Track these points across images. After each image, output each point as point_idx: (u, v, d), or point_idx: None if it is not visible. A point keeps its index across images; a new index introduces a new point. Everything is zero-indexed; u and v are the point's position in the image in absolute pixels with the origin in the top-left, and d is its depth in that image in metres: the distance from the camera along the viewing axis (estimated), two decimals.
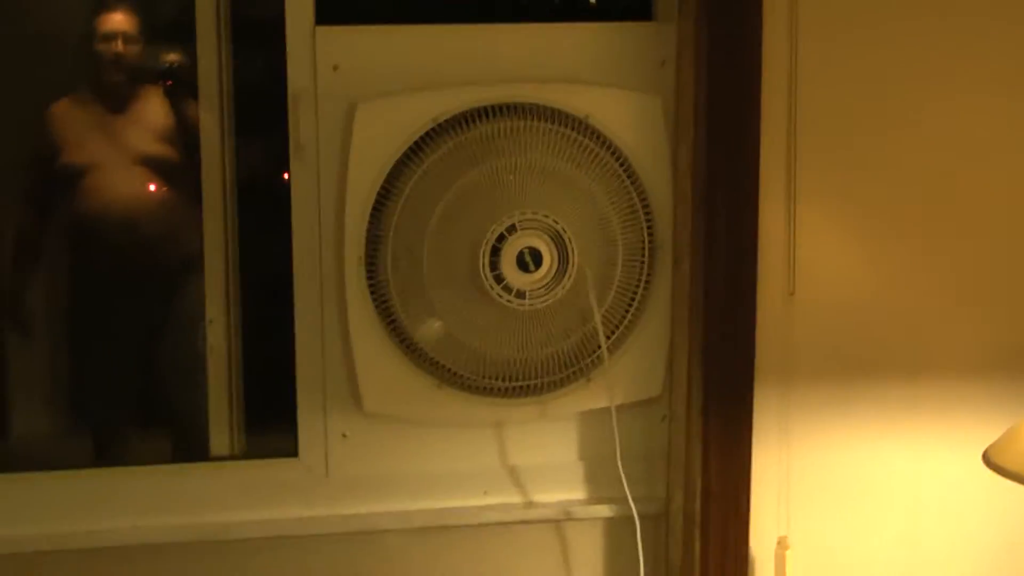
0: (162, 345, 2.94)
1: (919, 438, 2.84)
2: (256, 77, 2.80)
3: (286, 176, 2.66)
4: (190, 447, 2.88)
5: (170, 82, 3.09)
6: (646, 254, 2.73)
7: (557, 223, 2.60)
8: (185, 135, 3.01)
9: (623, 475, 2.71)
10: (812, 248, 2.74)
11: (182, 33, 2.83)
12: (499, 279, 2.60)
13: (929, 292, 2.81)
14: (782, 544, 2.81)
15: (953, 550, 2.89)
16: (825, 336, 2.78)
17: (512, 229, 2.59)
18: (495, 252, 2.59)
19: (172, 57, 3.12)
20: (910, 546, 2.87)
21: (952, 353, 2.83)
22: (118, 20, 3.07)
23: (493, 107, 2.65)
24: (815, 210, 2.73)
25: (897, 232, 2.78)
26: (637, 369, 2.78)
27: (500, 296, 2.60)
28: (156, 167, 3.02)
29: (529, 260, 2.61)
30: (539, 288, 2.62)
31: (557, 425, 2.81)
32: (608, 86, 2.72)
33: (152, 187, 3.01)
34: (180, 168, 3.00)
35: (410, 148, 2.63)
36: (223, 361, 2.81)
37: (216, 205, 2.77)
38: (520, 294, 2.62)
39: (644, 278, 2.73)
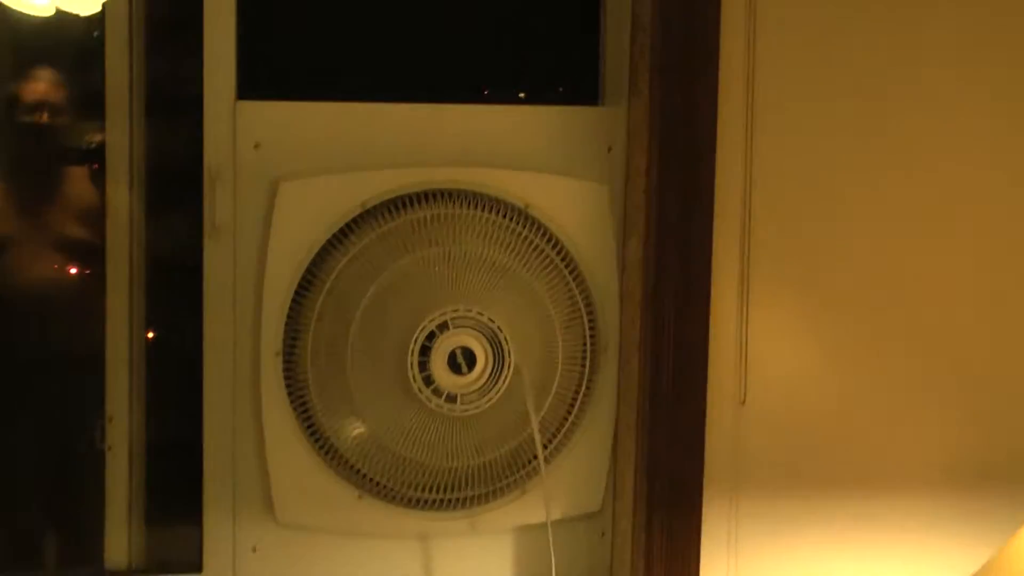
0: (53, 443, 2.69)
1: (872, 554, 2.62)
2: (175, 154, 2.60)
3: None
4: (82, 558, 2.62)
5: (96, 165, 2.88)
6: (587, 355, 2.53)
7: (493, 321, 2.40)
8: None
9: None
10: (764, 351, 2.54)
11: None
12: (428, 381, 2.38)
13: (886, 400, 2.60)
14: None
15: None
16: (777, 447, 2.56)
17: (444, 327, 2.38)
18: (424, 351, 2.38)
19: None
20: None
21: (909, 466, 2.62)
22: (43, 89, 2.83)
23: (426, 192, 2.44)
24: (768, 309, 2.54)
25: (854, 334, 2.58)
26: (576, 480, 2.55)
27: (429, 400, 2.38)
28: (72, 251, 2.79)
29: (462, 361, 2.40)
30: (472, 392, 2.41)
31: (488, 540, 2.57)
32: (551, 173, 2.52)
33: (67, 270, 2.78)
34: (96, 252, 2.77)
35: (336, 233, 2.41)
36: (123, 463, 2.54)
37: (121, 289, 2.51)
38: (451, 398, 2.40)
39: (585, 381, 2.53)
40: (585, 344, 2.52)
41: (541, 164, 2.54)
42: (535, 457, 2.51)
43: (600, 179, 2.55)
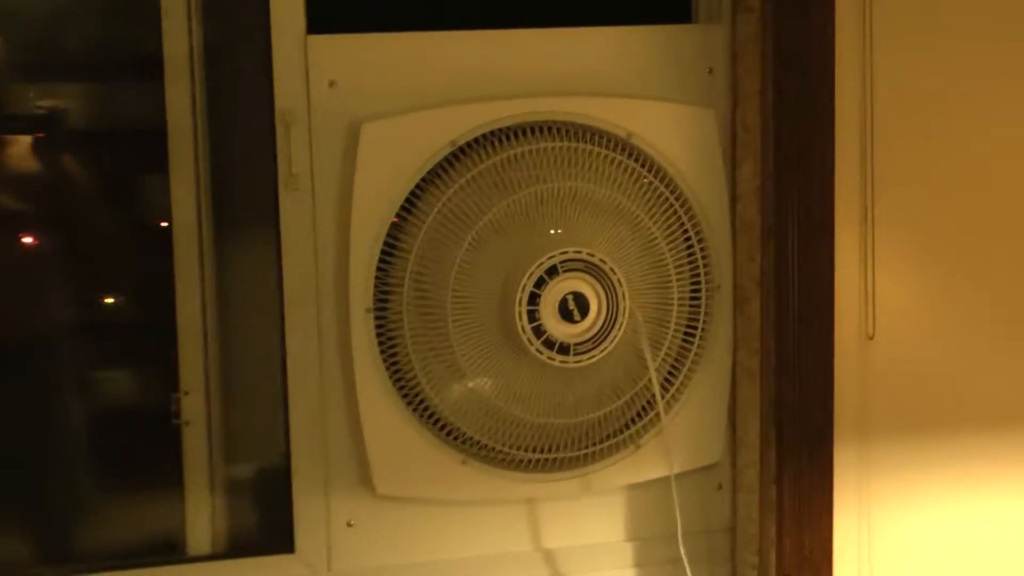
0: (124, 419, 2.47)
1: (1007, 493, 2.46)
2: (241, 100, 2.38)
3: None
4: (162, 543, 2.41)
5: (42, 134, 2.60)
6: (703, 295, 2.35)
7: (604, 263, 2.18)
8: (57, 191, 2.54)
9: (684, 557, 2.31)
10: (890, 282, 2.36)
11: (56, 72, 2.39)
12: (538, 332, 2.17)
13: (1017, 333, 2.45)
14: None
15: None
16: (906, 384, 2.37)
17: (553, 272, 2.16)
18: (533, 299, 2.16)
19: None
20: None
21: None
22: None
23: (521, 126, 2.23)
24: (892, 238, 2.34)
25: (982, 264, 2.39)
26: (693, 432, 2.35)
27: (540, 352, 2.16)
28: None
29: (574, 308, 2.19)
30: (585, 341, 2.19)
31: (600, 500, 2.37)
32: (652, 99, 2.31)
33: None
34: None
35: (425, 176, 2.20)
36: (202, 440, 2.35)
37: (189, 250, 2.31)
38: (563, 349, 2.18)
39: (702, 324, 2.34)
40: (700, 283, 2.32)
41: (638, 89, 2.32)
42: (647, 409, 2.32)
43: (703, 103, 2.34)
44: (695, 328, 2.32)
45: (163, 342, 2.32)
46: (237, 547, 2.34)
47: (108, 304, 2.46)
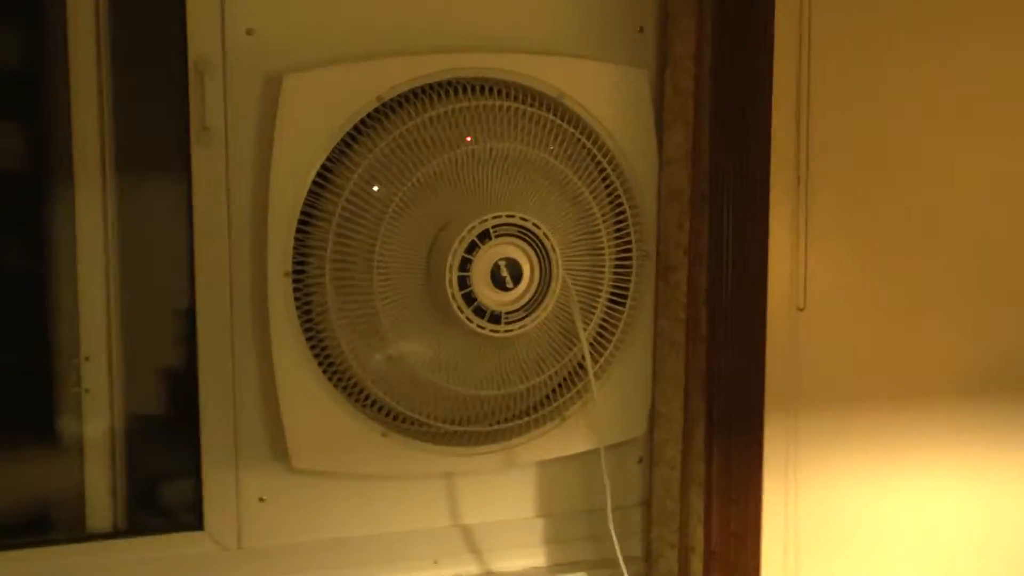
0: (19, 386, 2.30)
1: (935, 469, 2.42)
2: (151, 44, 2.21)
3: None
4: (61, 522, 2.25)
5: None
6: (634, 263, 2.26)
7: (538, 227, 2.08)
8: None
9: (614, 533, 2.21)
10: (821, 256, 2.30)
11: None
12: (469, 299, 2.06)
13: (948, 307, 2.40)
14: None
15: None
16: (835, 359, 2.32)
17: (485, 236, 2.06)
18: (464, 265, 2.06)
19: None
20: None
21: (970, 375, 2.45)
22: None
23: (450, 83, 2.11)
24: (824, 211, 2.30)
25: (913, 238, 2.35)
26: (620, 404, 2.27)
27: (471, 321, 2.05)
28: None
29: (507, 275, 2.08)
30: (517, 310, 2.09)
31: (521, 474, 2.28)
32: (582, 57, 2.21)
33: None
34: None
35: (350, 132, 2.07)
36: (104, 410, 2.19)
37: (92, 205, 2.14)
38: (495, 317, 2.07)
39: (631, 294, 2.24)
40: (631, 250, 2.23)
41: (569, 47, 2.22)
42: (572, 380, 2.23)
43: (634, 63, 2.25)
44: (624, 297, 2.23)
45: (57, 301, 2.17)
46: (141, 524, 2.19)
47: None
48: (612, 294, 2.22)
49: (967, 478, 2.45)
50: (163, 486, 2.22)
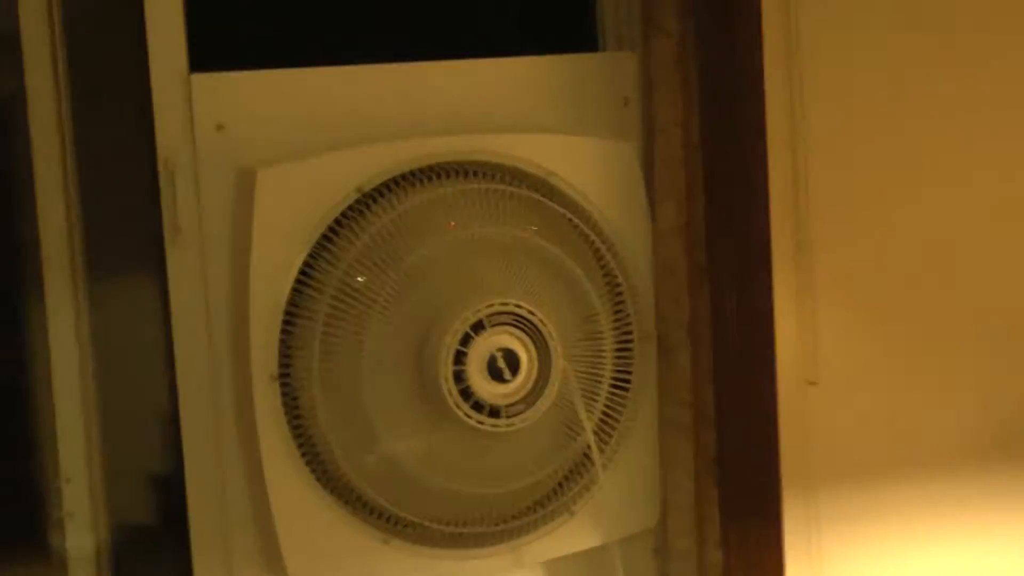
0: None
1: (964, 538, 2.32)
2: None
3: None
4: None
5: None
6: (635, 345, 2.15)
7: (534, 314, 1.97)
8: None
9: None
10: (831, 326, 2.22)
11: None
12: (467, 394, 1.95)
13: (965, 378, 2.32)
14: None
15: None
16: (851, 433, 2.23)
17: (479, 327, 1.96)
18: (459, 359, 1.96)
19: None
20: None
21: (992, 437, 2.33)
22: None
23: (432, 168, 2.02)
24: (829, 278, 2.21)
25: (928, 300, 2.27)
26: (630, 494, 2.15)
27: (469, 417, 1.93)
28: None
29: (503, 366, 1.98)
30: (516, 402, 1.98)
31: (531, 574, 2.19)
32: (567, 134, 2.13)
33: None
34: None
35: (330, 226, 1.96)
36: (88, 534, 2.06)
37: (64, 307, 2.04)
38: (494, 411, 1.96)
39: (633, 378, 2.13)
40: (631, 332, 2.12)
41: (552, 124, 2.12)
42: (578, 473, 2.12)
43: (622, 136, 2.16)
44: (627, 382, 2.12)
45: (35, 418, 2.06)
46: None
47: None
48: (614, 379, 2.11)
49: (996, 544, 2.34)
50: None
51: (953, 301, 2.29)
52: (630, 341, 2.11)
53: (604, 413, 2.11)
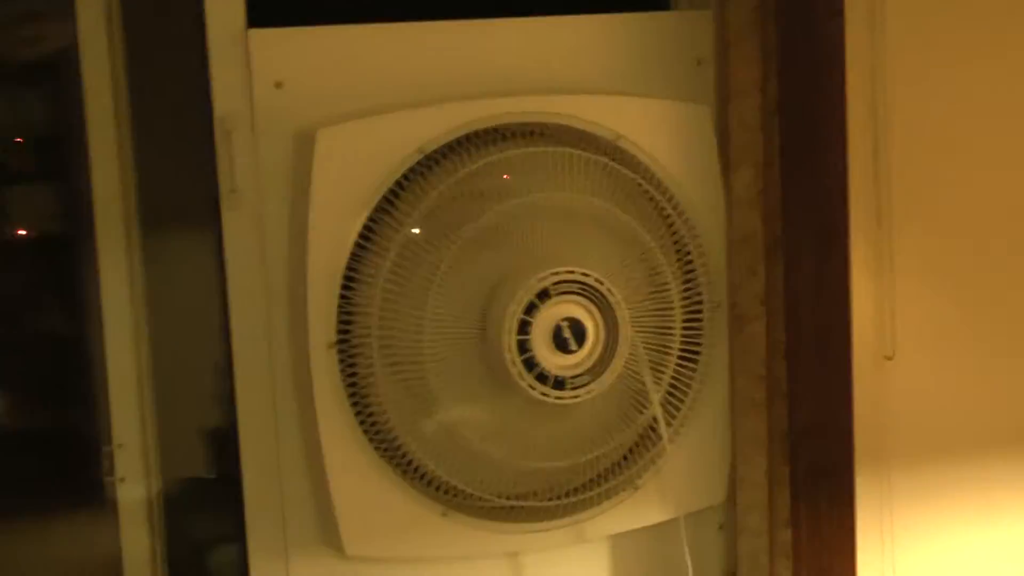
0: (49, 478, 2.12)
1: None
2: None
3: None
4: None
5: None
6: (705, 315, 2.07)
7: (601, 283, 1.89)
8: None
9: None
10: (909, 299, 2.11)
11: None
12: (531, 365, 1.87)
13: None
14: None
15: None
16: (927, 409, 2.11)
17: (544, 295, 1.88)
18: (523, 328, 1.88)
19: None
20: None
21: None
22: None
23: (498, 130, 1.94)
24: (909, 250, 2.11)
25: (1008, 273, 2.13)
26: (698, 469, 2.07)
27: (533, 388, 1.85)
28: None
29: (569, 336, 1.90)
30: (582, 374, 1.90)
31: (590, 550, 2.09)
32: (638, 96, 2.04)
33: None
34: None
35: (391, 189, 1.88)
36: (140, 500, 2.01)
37: (118, 270, 1.98)
38: (559, 383, 1.89)
39: (704, 349, 2.06)
40: (701, 302, 2.03)
41: (621, 85, 2.03)
42: (643, 446, 2.03)
43: (694, 99, 2.07)
44: (695, 354, 2.03)
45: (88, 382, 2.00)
46: None
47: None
48: (682, 350, 2.02)
49: None
50: None
51: None
52: (700, 311, 2.02)
53: (672, 385, 2.02)
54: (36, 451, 2.03)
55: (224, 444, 1.95)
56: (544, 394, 1.87)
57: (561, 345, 1.88)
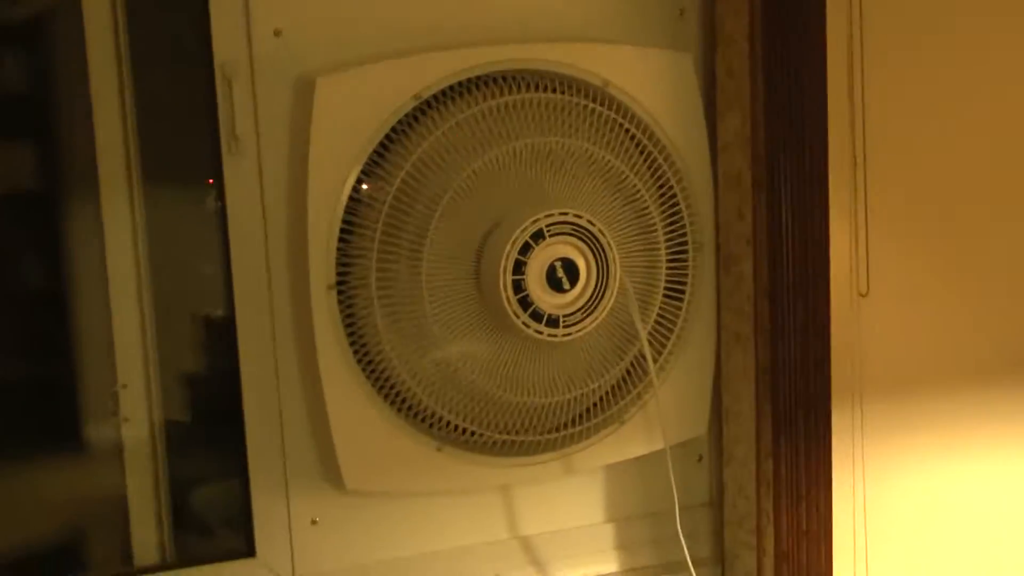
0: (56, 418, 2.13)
1: (1001, 449, 2.28)
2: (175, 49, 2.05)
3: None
4: (106, 557, 2.10)
5: None
6: (690, 255, 2.12)
7: (593, 224, 1.93)
8: None
9: (682, 536, 2.09)
10: (882, 239, 2.16)
11: None
12: (526, 303, 1.91)
13: (1006, 283, 2.27)
14: None
15: None
16: (899, 344, 2.18)
17: (539, 236, 1.91)
18: (518, 268, 1.92)
19: None
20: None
21: None
22: None
23: (489, 76, 1.96)
24: (882, 192, 2.15)
25: (976, 215, 2.20)
26: (682, 403, 2.12)
27: (527, 326, 1.90)
28: None
29: (563, 276, 1.94)
30: (575, 312, 1.94)
31: (579, 482, 2.15)
32: (622, 43, 2.06)
33: None
34: None
35: (388, 135, 1.91)
36: (144, 438, 2.05)
37: (120, 216, 2.00)
38: (552, 321, 1.92)
39: (689, 288, 2.12)
40: (686, 242, 2.08)
41: (607, 33, 2.07)
42: (628, 382, 2.08)
43: (677, 47, 2.11)
44: (680, 293, 2.08)
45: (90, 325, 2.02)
46: (190, 554, 2.04)
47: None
48: (668, 289, 2.07)
49: None
50: (211, 513, 2.07)
51: (994, 224, 2.23)
52: (685, 251, 2.07)
53: (657, 323, 2.07)
54: (46, 395, 2.05)
55: (226, 384, 1.97)
56: (538, 332, 1.91)
57: (554, 284, 1.91)
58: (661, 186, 2.05)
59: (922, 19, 2.15)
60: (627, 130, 2.02)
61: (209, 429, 2.06)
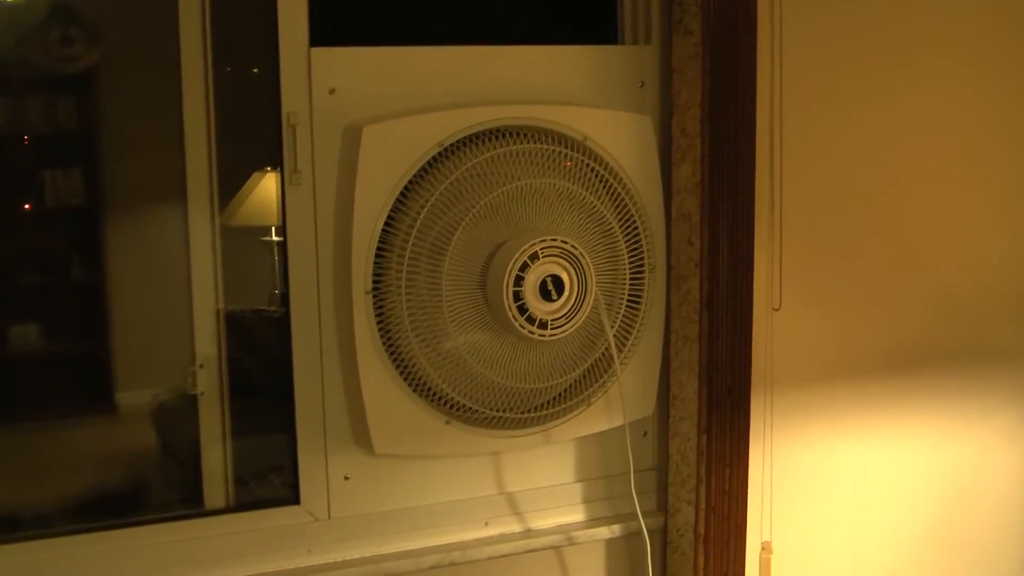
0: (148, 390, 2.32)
1: (875, 431, 2.56)
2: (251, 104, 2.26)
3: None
4: (183, 502, 2.30)
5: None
6: (646, 274, 2.34)
7: (575, 248, 2.15)
8: None
9: (635, 493, 2.32)
10: (791, 266, 2.40)
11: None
12: (522, 310, 2.12)
13: (886, 299, 2.53)
14: (766, 548, 2.47)
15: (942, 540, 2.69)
16: (803, 348, 2.42)
17: (534, 257, 2.12)
18: (517, 281, 2.12)
19: None
20: (873, 536, 2.62)
21: (900, 354, 2.56)
22: None
23: (496, 130, 2.17)
24: (793, 229, 2.39)
25: (863, 251, 2.48)
26: (637, 389, 2.34)
27: (523, 327, 2.11)
28: None
29: (552, 288, 2.15)
30: (560, 317, 2.17)
31: (554, 450, 2.36)
32: (598, 107, 2.28)
33: None
34: None
35: (416, 173, 2.12)
36: (216, 409, 2.24)
37: (204, 232, 2.20)
38: (543, 324, 2.14)
39: (644, 300, 2.34)
40: (643, 264, 2.32)
41: (586, 99, 2.29)
42: (594, 373, 2.28)
43: (641, 111, 2.33)
44: (637, 303, 2.30)
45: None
46: (249, 501, 2.24)
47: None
48: (629, 301, 2.29)
49: (904, 436, 2.60)
50: (266, 469, 2.28)
51: (882, 252, 2.50)
52: (642, 271, 2.29)
53: (620, 327, 2.30)
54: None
55: (281, 367, 2.17)
56: (531, 332, 2.13)
57: (545, 295, 2.13)
58: (625, 220, 2.27)
59: (834, 104, 2.43)
60: (600, 175, 2.24)
61: (266, 403, 2.27)
